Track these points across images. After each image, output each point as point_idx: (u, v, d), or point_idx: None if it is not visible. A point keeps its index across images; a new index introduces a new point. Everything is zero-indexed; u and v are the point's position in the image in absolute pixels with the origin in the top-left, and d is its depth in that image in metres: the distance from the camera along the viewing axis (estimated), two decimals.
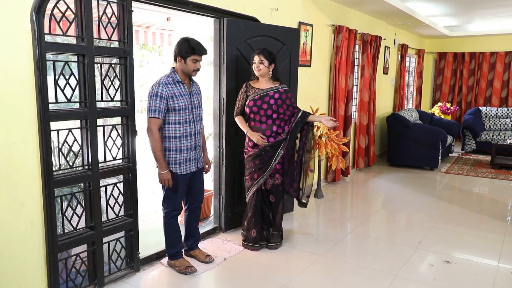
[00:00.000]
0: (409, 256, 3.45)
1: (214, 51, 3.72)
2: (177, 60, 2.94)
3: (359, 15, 6.18)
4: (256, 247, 3.53)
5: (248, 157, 3.49)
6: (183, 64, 2.92)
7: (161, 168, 2.90)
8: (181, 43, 2.91)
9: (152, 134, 2.85)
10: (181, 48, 2.89)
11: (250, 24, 3.86)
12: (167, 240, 3.19)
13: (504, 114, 8.54)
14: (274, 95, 3.43)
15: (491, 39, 9.19)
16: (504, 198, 5.34)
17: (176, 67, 2.96)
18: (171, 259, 3.18)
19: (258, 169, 3.47)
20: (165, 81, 2.89)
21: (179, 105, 2.91)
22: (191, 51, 2.88)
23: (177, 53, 2.91)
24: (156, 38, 6.40)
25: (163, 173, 2.92)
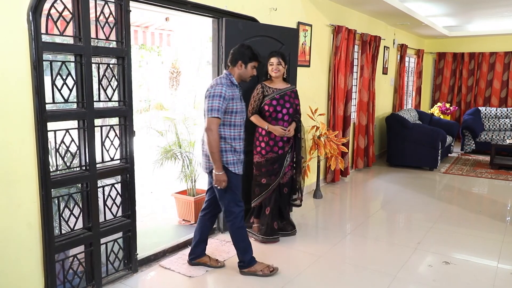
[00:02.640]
0: (408, 257, 3.44)
1: (213, 51, 3.71)
2: (236, 64, 2.97)
3: (359, 15, 6.17)
4: (277, 238, 3.70)
5: (265, 161, 3.61)
6: (242, 68, 2.99)
7: (218, 169, 2.85)
8: (245, 49, 2.99)
9: (212, 133, 2.79)
10: (244, 54, 2.97)
11: (249, 24, 3.85)
12: (242, 246, 3.05)
13: (504, 114, 8.53)
14: (291, 94, 3.67)
15: (490, 39, 9.18)
16: (504, 198, 5.33)
17: (233, 71, 2.99)
18: (250, 265, 3.06)
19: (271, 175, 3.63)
20: (226, 83, 2.89)
21: (236, 107, 2.93)
22: (254, 58, 3.00)
23: (239, 58, 2.97)
24: (155, 38, 6.38)
25: (220, 174, 2.85)
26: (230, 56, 3.01)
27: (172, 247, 3.45)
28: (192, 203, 4.26)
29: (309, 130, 5.02)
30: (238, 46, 3.03)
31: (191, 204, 4.27)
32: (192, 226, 4.11)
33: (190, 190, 4.38)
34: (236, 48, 3.02)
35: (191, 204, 4.28)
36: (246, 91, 3.75)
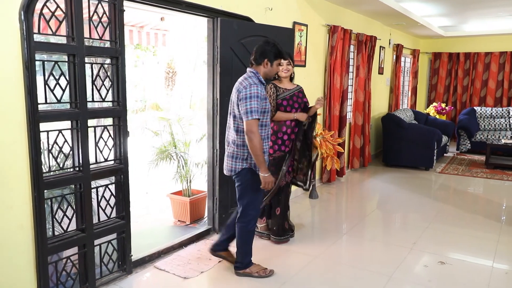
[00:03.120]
0: (404, 257, 3.43)
1: (208, 51, 3.69)
2: (262, 62, 2.89)
3: (354, 15, 6.17)
4: (288, 238, 3.72)
5: (273, 160, 3.52)
6: (268, 67, 2.91)
7: (265, 171, 2.77)
8: (271, 46, 2.90)
9: (255, 136, 2.71)
10: (270, 51, 2.88)
11: (244, 24, 3.83)
12: (245, 248, 3.03)
13: (499, 114, 8.56)
14: (299, 94, 3.71)
15: (485, 39, 9.21)
16: (499, 198, 5.34)
17: (258, 69, 2.91)
18: (247, 267, 3.05)
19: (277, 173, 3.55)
20: (258, 82, 2.83)
21: (267, 107, 2.89)
22: (279, 55, 2.93)
23: (265, 56, 2.88)
24: (151, 38, 6.34)
25: (267, 175, 2.78)
26: (255, 54, 2.90)
27: (167, 248, 3.43)
28: (187, 204, 4.24)
29: None
30: (262, 44, 2.92)
31: (187, 205, 4.25)
32: (188, 227, 4.09)
33: (186, 190, 4.37)
34: (260, 46, 2.91)
35: (186, 205, 4.26)
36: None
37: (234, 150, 2.88)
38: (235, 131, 2.85)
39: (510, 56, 8.96)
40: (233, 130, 2.86)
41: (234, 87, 2.92)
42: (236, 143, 2.86)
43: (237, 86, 2.85)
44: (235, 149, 2.87)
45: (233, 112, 2.85)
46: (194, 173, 4.39)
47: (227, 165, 2.95)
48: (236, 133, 2.85)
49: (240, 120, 2.80)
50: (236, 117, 2.83)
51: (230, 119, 2.89)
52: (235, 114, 2.83)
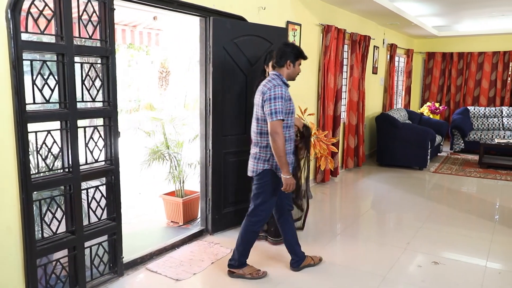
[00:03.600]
0: (398, 258, 3.42)
1: (200, 50, 3.66)
2: (284, 64, 2.90)
3: (348, 14, 6.16)
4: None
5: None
6: (291, 68, 2.92)
7: (287, 173, 2.77)
8: (291, 48, 2.93)
9: (279, 136, 2.72)
10: (292, 52, 2.90)
11: (237, 23, 3.80)
12: (245, 247, 3.04)
13: (492, 113, 8.59)
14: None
15: (478, 39, 9.25)
16: (492, 197, 5.36)
17: (281, 71, 2.92)
18: (241, 267, 3.04)
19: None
20: (282, 84, 2.84)
21: (291, 108, 2.89)
22: (300, 55, 2.95)
23: (287, 57, 2.89)
24: (144, 37, 6.30)
25: (288, 177, 2.77)
26: (276, 57, 2.91)
27: (159, 250, 3.39)
28: (180, 205, 4.21)
29: None
30: (283, 46, 2.95)
31: (180, 206, 4.22)
32: (181, 228, 4.06)
33: (179, 191, 4.33)
34: (281, 48, 2.93)
35: (179, 206, 4.22)
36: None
37: (256, 151, 2.91)
38: (258, 133, 2.89)
39: (503, 56, 9.00)
40: (256, 132, 2.90)
41: (257, 90, 2.93)
42: (259, 144, 2.90)
43: (261, 88, 2.87)
44: (258, 151, 2.90)
45: (256, 114, 2.88)
46: (187, 174, 4.36)
47: (250, 166, 2.98)
48: (259, 135, 2.88)
49: (263, 122, 2.83)
50: (259, 119, 2.86)
51: (253, 121, 2.93)
52: (258, 117, 2.87)
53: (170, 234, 3.94)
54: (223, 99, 3.72)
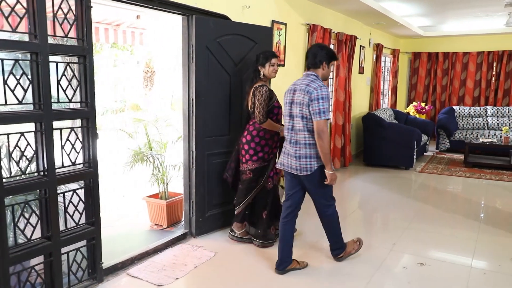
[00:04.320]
0: (384, 259, 3.39)
1: (183, 49, 3.59)
2: (320, 65, 3.00)
3: (334, 14, 6.13)
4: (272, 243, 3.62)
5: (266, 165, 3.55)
6: (326, 69, 3.04)
7: (331, 168, 2.96)
8: (326, 50, 3.04)
9: (326, 135, 2.86)
10: (326, 54, 3.01)
11: (221, 22, 3.74)
12: (339, 233, 3.27)
13: (477, 113, 8.67)
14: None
15: (463, 39, 9.33)
16: (477, 197, 5.38)
17: (317, 72, 3.01)
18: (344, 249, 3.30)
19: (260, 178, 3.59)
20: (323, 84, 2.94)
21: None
22: (334, 57, 3.07)
23: (323, 59, 2.99)
24: (127, 36, 6.18)
25: (333, 172, 2.96)
26: (311, 58, 3.00)
27: (141, 254, 3.30)
28: (164, 207, 4.13)
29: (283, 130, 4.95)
30: (317, 48, 3.06)
31: (163, 208, 4.14)
32: (165, 231, 3.97)
33: (162, 193, 4.25)
34: (315, 50, 3.03)
35: (163, 208, 4.14)
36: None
37: (306, 150, 2.96)
38: (307, 131, 2.93)
39: (487, 56, 9.09)
40: (304, 131, 2.94)
41: (297, 89, 2.97)
42: (309, 143, 2.95)
43: (304, 88, 2.92)
44: (308, 149, 2.95)
45: (302, 113, 2.92)
46: (171, 175, 4.28)
47: (296, 165, 3.00)
48: (308, 133, 2.94)
49: (310, 120, 2.89)
50: (307, 118, 2.91)
51: (297, 120, 2.96)
52: (303, 115, 2.92)
53: (153, 238, 3.85)
54: (206, 100, 3.65)
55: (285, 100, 3.08)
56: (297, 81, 3.05)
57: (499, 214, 4.68)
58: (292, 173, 3.05)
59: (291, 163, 3.02)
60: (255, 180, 3.56)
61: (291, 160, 3.02)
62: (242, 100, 3.94)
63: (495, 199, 5.30)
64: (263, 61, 3.49)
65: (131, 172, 4.22)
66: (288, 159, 3.05)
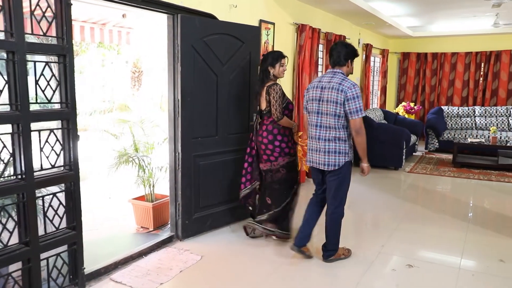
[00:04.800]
0: (372, 261, 3.36)
1: (168, 49, 3.51)
2: (346, 63, 3.09)
3: (323, 14, 6.10)
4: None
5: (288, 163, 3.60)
6: (350, 67, 3.14)
7: (367, 161, 3.17)
8: (350, 48, 3.11)
9: (364, 131, 3.03)
10: (351, 52, 3.09)
11: (207, 21, 3.67)
12: (338, 236, 3.31)
13: (465, 113, 8.71)
14: None
15: (452, 40, 9.37)
16: (465, 197, 5.38)
17: (343, 70, 3.09)
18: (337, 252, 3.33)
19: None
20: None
21: None
22: (356, 54, 3.17)
23: (348, 57, 3.09)
24: (114, 36, 6.08)
25: (368, 165, 3.19)
26: (336, 56, 3.07)
27: (125, 258, 3.22)
28: (150, 209, 4.05)
29: None
30: (341, 46, 3.10)
31: (149, 211, 4.06)
32: (151, 234, 3.90)
33: (149, 195, 4.17)
34: (340, 48, 3.08)
35: (149, 211, 4.07)
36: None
37: (336, 145, 3.05)
38: (339, 128, 3.03)
39: (475, 56, 9.14)
40: (335, 128, 3.03)
41: (326, 87, 3.02)
42: (339, 138, 3.05)
43: (336, 86, 2.98)
44: (338, 144, 3.06)
45: (335, 111, 2.99)
46: (158, 177, 4.20)
47: (325, 160, 3.09)
48: (340, 130, 3.03)
49: (343, 118, 3.00)
50: (340, 116, 2.99)
51: (329, 118, 3.03)
52: (337, 113, 2.99)
53: (139, 241, 3.78)
54: (192, 100, 3.59)
55: (309, 97, 3.14)
56: (323, 78, 3.09)
57: (487, 214, 4.69)
58: (319, 169, 3.15)
59: (319, 159, 3.11)
60: (291, 177, 3.63)
61: (319, 156, 3.10)
62: (229, 101, 3.89)
63: (483, 199, 5.31)
64: (273, 62, 3.52)
65: (119, 174, 4.14)
66: (317, 155, 3.13)
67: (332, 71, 3.08)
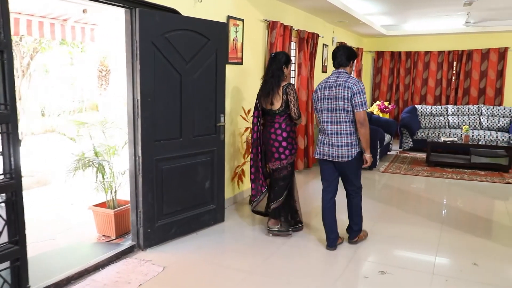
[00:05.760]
0: (344, 268, 3.21)
1: (126, 46, 3.28)
2: (349, 64, 3.39)
3: (295, 11, 5.94)
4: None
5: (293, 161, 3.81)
6: (352, 67, 3.44)
7: (370, 152, 3.41)
8: (352, 49, 3.43)
9: (367, 124, 3.30)
10: (352, 54, 3.40)
11: (169, 16, 3.45)
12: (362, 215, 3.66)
13: (438, 112, 8.74)
14: None
15: (425, 38, 9.40)
16: (439, 197, 5.33)
17: (346, 70, 3.37)
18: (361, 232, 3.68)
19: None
20: None
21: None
22: (356, 56, 3.48)
23: (351, 58, 3.39)
24: (76, 32, 5.76)
25: (370, 155, 3.42)
26: (341, 58, 3.35)
27: (79, 272, 2.97)
28: (111, 217, 3.81)
29: (242, 133, 4.71)
30: (345, 49, 3.40)
31: (111, 218, 3.82)
32: (112, 243, 3.65)
33: (111, 201, 3.92)
34: (344, 50, 3.37)
35: (110, 218, 3.82)
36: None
37: (349, 139, 3.33)
38: (349, 122, 3.31)
39: (447, 55, 9.19)
40: (346, 122, 3.31)
41: (333, 86, 3.29)
42: (350, 132, 3.33)
43: (343, 84, 3.26)
44: (350, 138, 3.33)
45: (344, 107, 3.26)
46: (121, 182, 3.96)
47: (338, 153, 3.35)
48: (350, 124, 3.31)
49: (352, 112, 3.27)
50: (348, 111, 3.27)
51: (340, 113, 3.30)
52: (346, 108, 3.27)
53: (99, 251, 3.53)
54: (154, 100, 3.36)
55: (318, 97, 3.42)
56: (329, 79, 3.37)
57: (460, 214, 4.62)
58: (332, 161, 3.40)
59: (332, 152, 3.37)
60: (292, 172, 3.82)
61: (332, 149, 3.37)
62: (194, 101, 3.68)
63: (457, 199, 5.26)
64: (287, 62, 3.70)
65: (82, 179, 3.88)
66: (329, 149, 3.39)
67: (337, 71, 3.36)
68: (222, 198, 4.10)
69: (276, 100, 3.59)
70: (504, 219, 4.41)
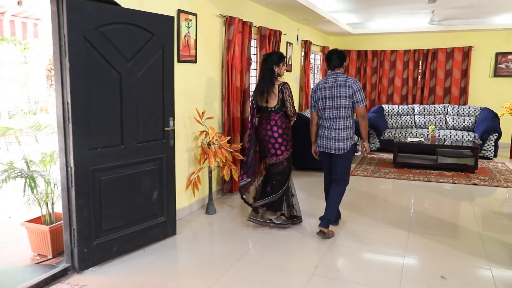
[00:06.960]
0: None
1: (53, 41, 2.86)
2: (343, 65, 3.74)
3: (255, 6, 5.62)
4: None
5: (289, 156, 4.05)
6: (344, 67, 3.77)
7: (367, 141, 3.87)
8: (343, 53, 3.75)
9: (367, 116, 3.78)
10: (344, 56, 3.75)
11: (104, 7, 3.04)
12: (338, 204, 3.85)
13: (405, 111, 8.65)
14: None
15: (390, 37, 9.30)
16: (406, 201, 5.15)
17: (341, 71, 3.73)
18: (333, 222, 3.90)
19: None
20: None
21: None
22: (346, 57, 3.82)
23: (344, 60, 3.74)
24: (16, 28, 5.24)
25: (368, 144, 3.88)
26: (337, 60, 3.69)
27: None
28: (47, 234, 3.40)
29: (197, 137, 4.35)
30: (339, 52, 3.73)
31: (46, 235, 3.41)
32: (46, 265, 3.22)
33: (47, 216, 3.49)
34: (338, 53, 3.71)
35: (46, 235, 3.41)
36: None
37: (345, 133, 3.68)
38: (348, 117, 3.69)
39: (413, 54, 9.12)
40: (346, 118, 3.67)
41: (333, 86, 3.65)
42: (348, 127, 3.70)
43: (343, 83, 3.63)
44: (347, 132, 3.69)
45: (345, 104, 3.63)
46: (59, 194, 3.52)
47: (336, 146, 3.70)
48: (348, 119, 3.69)
49: (350, 109, 3.65)
50: (348, 108, 3.64)
51: (341, 110, 3.65)
52: (346, 105, 3.63)
53: (32, 274, 3.11)
54: (88, 103, 2.96)
55: (318, 96, 3.74)
56: (328, 79, 3.70)
57: (427, 220, 4.41)
58: (330, 153, 3.76)
59: (331, 145, 3.72)
60: (289, 167, 4.00)
61: (332, 142, 3.71)
62: (138, 103, 3.30)
63: (423, 202, 5.07)
64: (278, 61, 3.83)
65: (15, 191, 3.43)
66: (328, 142, 3.73)
67: (334, 73, 3.70)
68: (173, 209, 3.73)
69: (272, 99, 3.79)
70: (472, 224, 4.24)
